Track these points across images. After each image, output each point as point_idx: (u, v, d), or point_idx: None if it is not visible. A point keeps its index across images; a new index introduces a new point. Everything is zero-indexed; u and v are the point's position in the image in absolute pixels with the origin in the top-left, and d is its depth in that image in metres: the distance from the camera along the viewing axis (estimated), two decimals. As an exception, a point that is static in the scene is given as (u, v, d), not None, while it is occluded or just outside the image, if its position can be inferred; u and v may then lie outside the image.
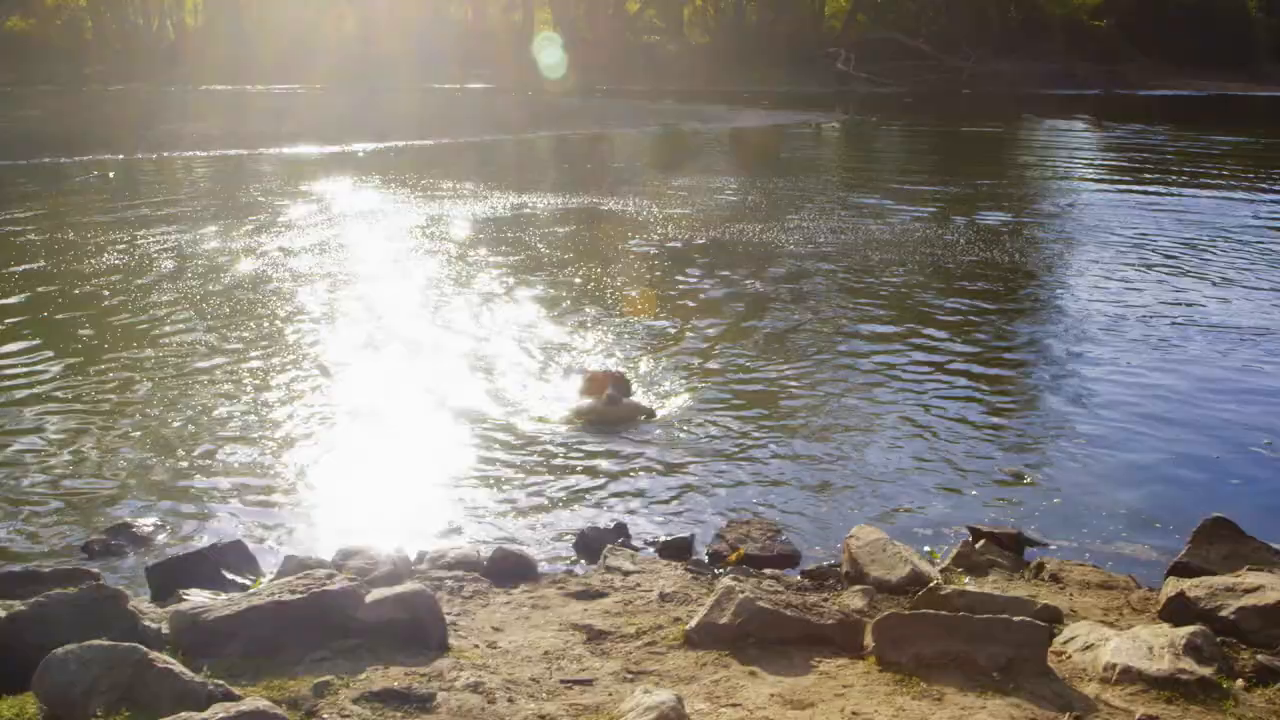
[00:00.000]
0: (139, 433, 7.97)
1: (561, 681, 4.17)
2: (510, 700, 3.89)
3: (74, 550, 6.21)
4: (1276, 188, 22.35)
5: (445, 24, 63.29)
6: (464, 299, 12.02)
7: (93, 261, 13.76)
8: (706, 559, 6.16)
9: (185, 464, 7.43)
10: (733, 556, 6.07)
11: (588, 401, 8.37)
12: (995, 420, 8.44)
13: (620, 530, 6.51)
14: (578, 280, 12.96)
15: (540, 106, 40.71)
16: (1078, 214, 18.81)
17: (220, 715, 3.18)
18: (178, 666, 3.55)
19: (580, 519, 6.70)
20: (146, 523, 6.56)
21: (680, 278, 13.16)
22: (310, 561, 5.48)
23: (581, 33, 63.23)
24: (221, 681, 3.56)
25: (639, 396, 8.76)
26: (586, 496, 7.03)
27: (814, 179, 23.51)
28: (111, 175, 22.79)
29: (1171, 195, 20.82)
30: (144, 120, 32.10)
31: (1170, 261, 14.19)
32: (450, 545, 6.23)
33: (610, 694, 4.02)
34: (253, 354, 9.95)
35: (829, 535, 6.50)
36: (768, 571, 5.84)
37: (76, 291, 12.26)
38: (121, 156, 25.41)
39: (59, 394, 8.82)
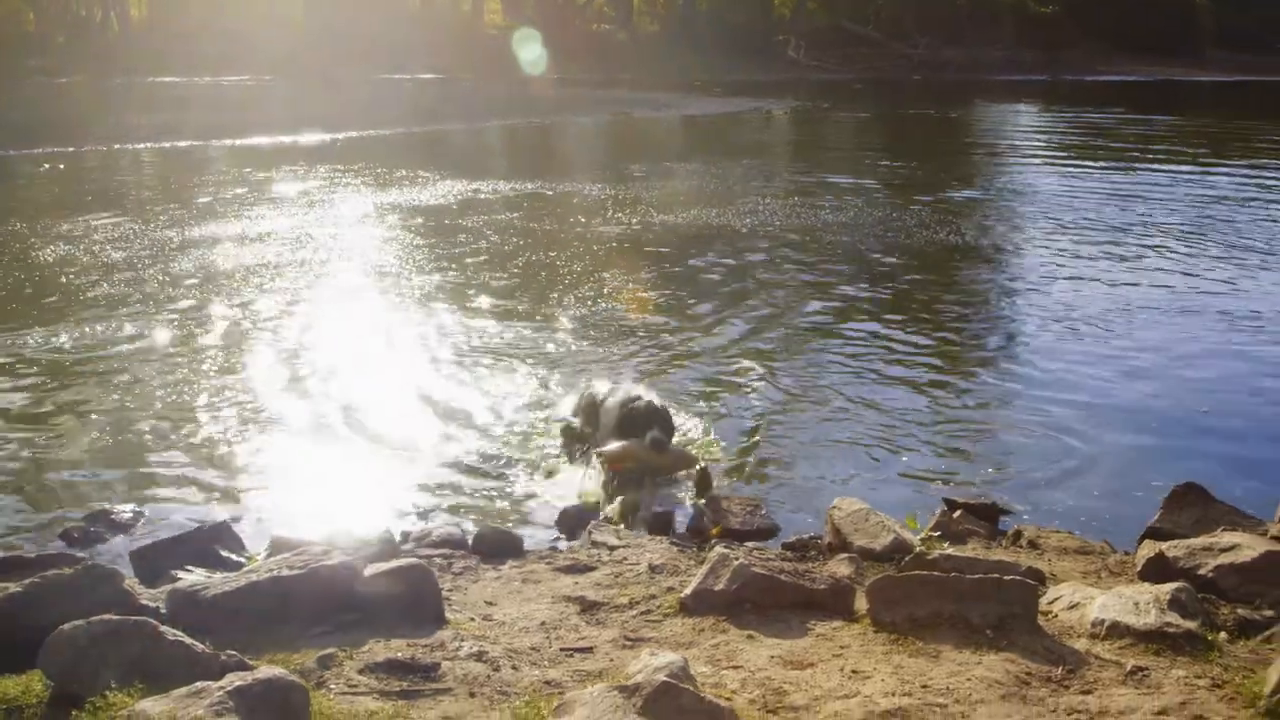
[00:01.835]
0: (107, 422, 7.92)
1: (562, 650, 4.22)
2: (514, 668, 3.94)
3: (52, 538, 6.18)
4: (1216, 166, 22.73)
5: (394, 15, 62.76)
6: (425, 287, 12.02)
7: (48, 252, 13.61)
8: (687, 534, 6.23)
9: (157, 452, 7.41)
10: (714, 530, 6.15)
11: (618, 445, 6.79)
12: (961, 398, 8.58)
13: (600, 508, 6.58)
14: (534, 264, 13.03)
15: (491, 96, 40.55)
16: (1029, 194, 19.12)
17: (236, 684, 3.19)
18: (188, 639, 3.56)
19: (559, 499, 6.74)
20: (124, 509, 6.53)
21: (638, 259, 13.23)
22: (297, 542, 5.48)
23: (531, 22, 63.02)
24: (235, 652, 3.57)
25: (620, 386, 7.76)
26: (563, 477, 7.07)
27: (766, 164, 23.64)
28: (62, 167, 22.50)
29: (1116, 174, 21.21)
30: (93, 113, 31.66)
31: (1121, 237, 14.49)
32: (433, 526, 6.26)
33: (611, 660, 4.07)
34: (214, 342, 9.93)
35: (805, 510, 6.59)
36: (749, 544, 5.91)
37: (31, 281, 12.13)
38: (71, 149, 25.07)
39: (22, 383, 8.75)
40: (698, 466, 6.84)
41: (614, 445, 6.76)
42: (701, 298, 11.49)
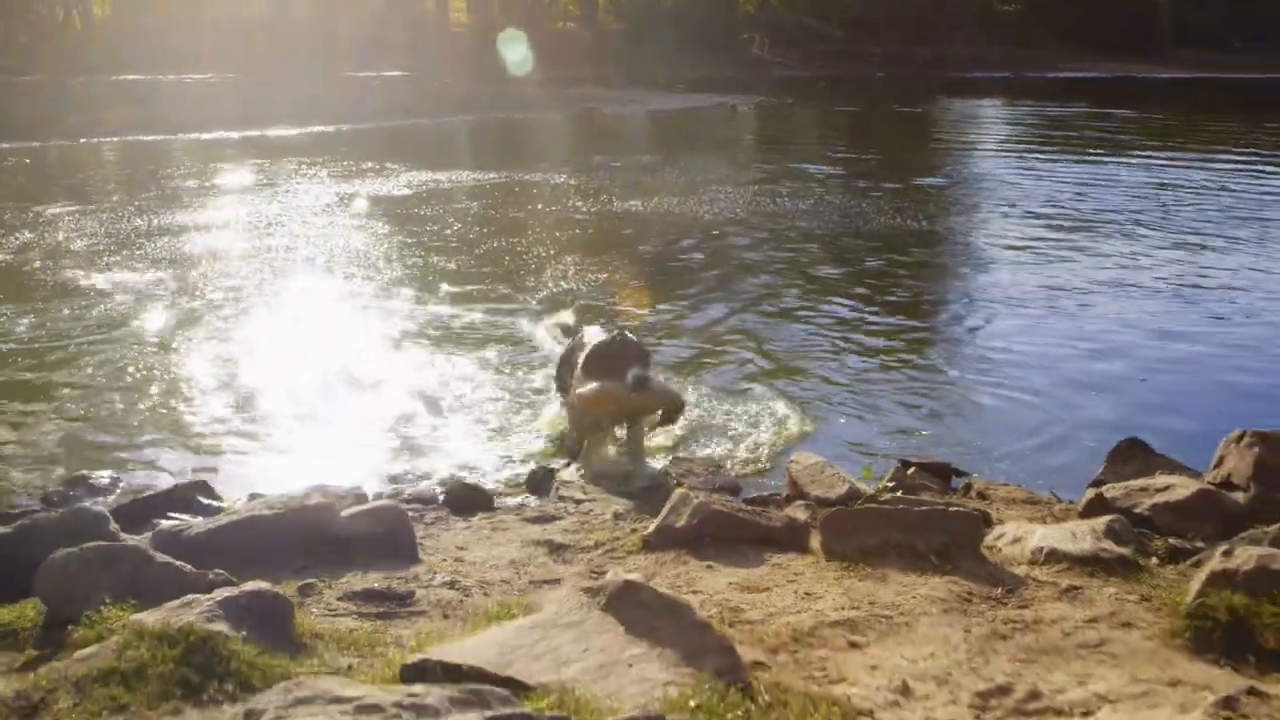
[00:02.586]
0: (80, 396, 8.07)
1: (530, 582, 4.43)
2: (486, 595, 4.15)
3: (32, 503, 6.31)
4: (1167, 157, 23.16)
5: (359, 12, 62.62)
6: (394, 270, 12.21)
7: (16, 238, 13.68)
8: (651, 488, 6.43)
9: (130, 424, 7.55)
10: (676, 486, 6.35)
11: (595, 386, 6.30)
12: (920, 369, 8.87)
13: (569, 466, 6.79)
14: (499, 249, 13.22)
15: (457, 92, 40.59)
16: (988, 183, 19.48)
17: (225, 595, 3.39)
18: (177, 561, 3.75)
19: (527, 460, 6.93)
20: (102, 475, 6.68)
21: (603, 245, 13.44)
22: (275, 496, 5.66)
23: (496, 20, 63.09)
24: (222, 571, 3.77)
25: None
26: (530, 440, 7.26)
27: (730, 156, 23.87)
28: (28, 161, 22.49)
29: (1074, 165, 21.62)
30: (59, 109, 31.53)
31: (1075, 223, 14.87)
32: (404, 485, 6.47)
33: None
34: (183, 323, 10.06)
35: (766, 473, 6.82)
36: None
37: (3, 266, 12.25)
38: (37, 144, 25.03)
39: None
40: (678, 404, 6.56)
41: (591, 387, 6.25)
42: (665, 279, 11.72)
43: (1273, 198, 17.26)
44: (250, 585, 3.47)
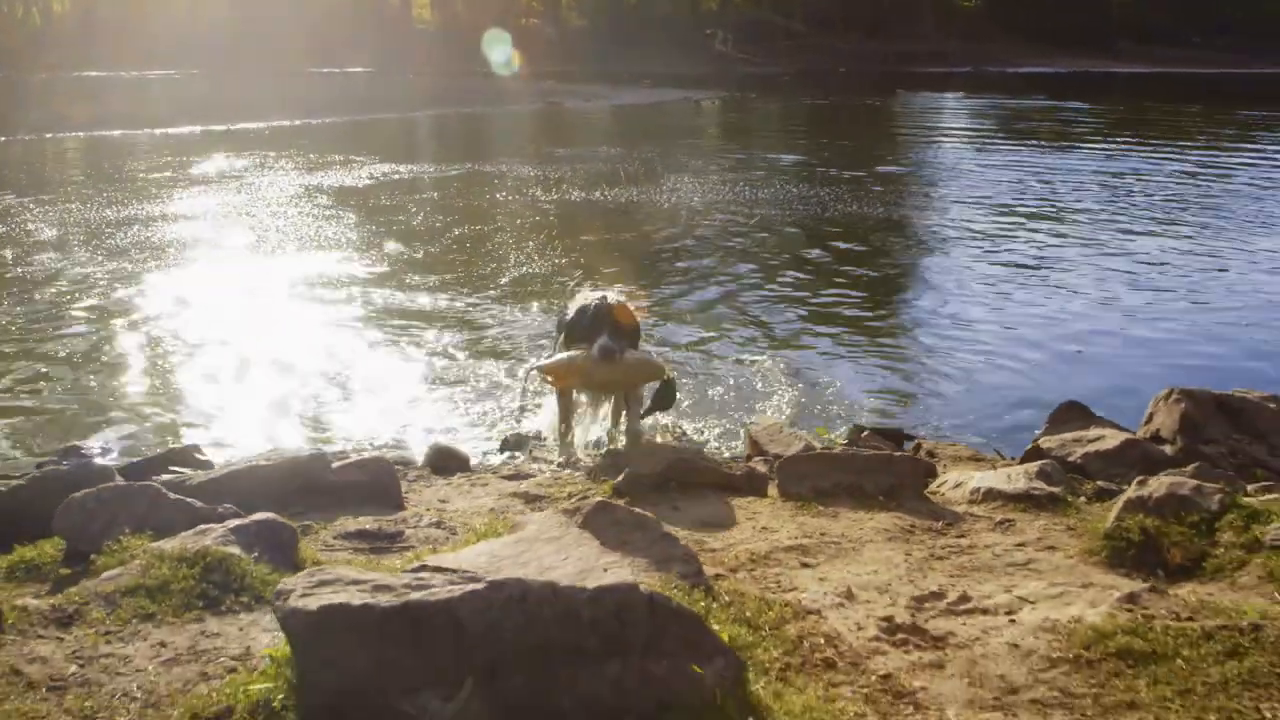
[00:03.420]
0: (55, 375, 8.27)
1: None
2: (470, 531, 4.50)
3: (27, 470, 6.58)
4: (1119, 147, 23.75)
5: (322, 8, 62.59)
6: (363, 255, 12.49)
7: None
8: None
9: (108, 400, 7.80)
10: (645, 452, 6.70)
11: (559, 358, 5.92)
12: (877, 344, 9.26)
13: (540, 437, 7.13)
14: (464, 236, 13.56)
15: (421, 87, 40.81)
16: (946, 173, 19.98)
17: (236, 523, 3.73)
18: (188, 497, 4.09)
19: (502, 428, 7.27)
20: (92, 444, 6.96)
21: (565, 233, 13.77)
22: (263, 459, 5.98)
23: (460, 16, 63.26)
24: (231, 505, 4.11)
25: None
26: (503, 410, 7.59)
27: (693, 149, 24.24)
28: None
29: (1028, 154, 22.16)
30: (21, 104, 31.53)
31: (1027, 208, 15.34)
32: (385, 451, 6.79)
33: (554, 529, 4.65)
34: (155, 305, 10.29)
35: (729, 437, 7.19)
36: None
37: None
38: (3, 139, 25.10)
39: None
40: (664, 377, 5.94)
41: (555, 358, 5.86)
42: (624, 263, 12.06)
43: (1215, 186, 17.79)
44: (259, 515, 3.81)
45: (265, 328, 9.60)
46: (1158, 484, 4.17)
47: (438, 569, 2.75)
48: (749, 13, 67.63)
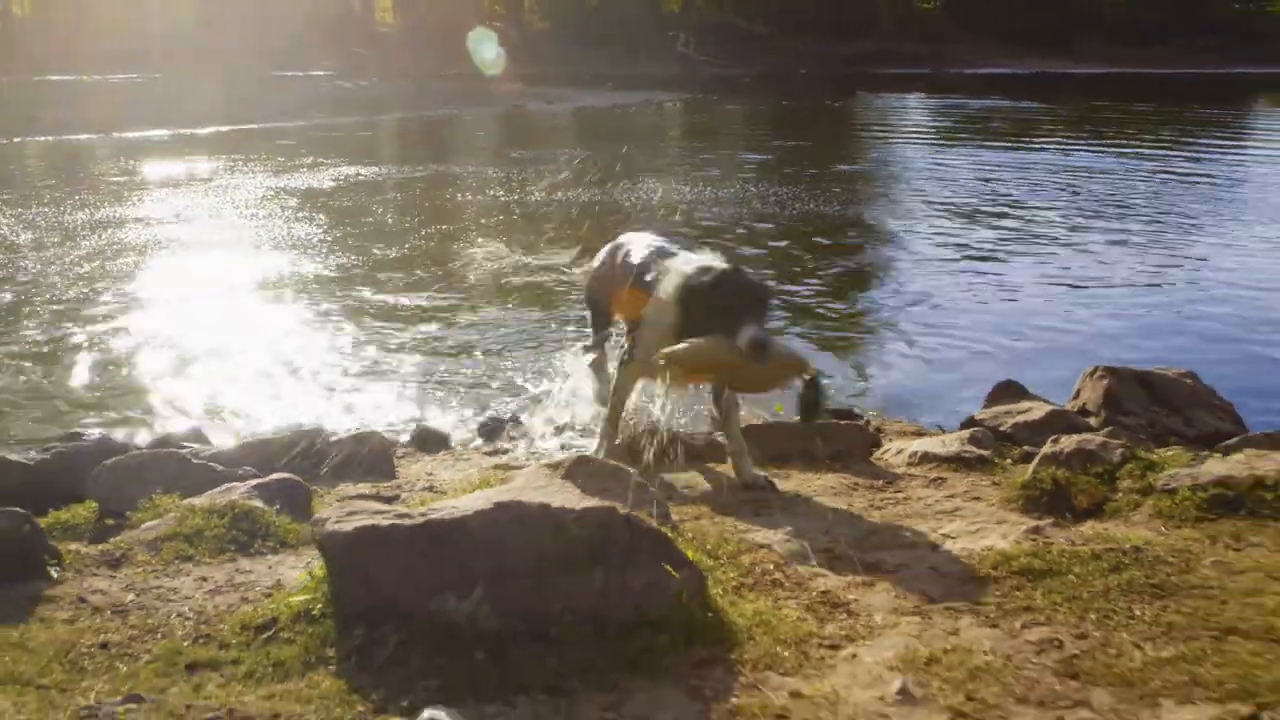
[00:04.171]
0: (44, 369, 8.62)
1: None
2: (466, 483, 5.01)
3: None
4: (1075, 145, 24.48)
5: (284, 12, 62.73)
6: (329, 255, 12.87)
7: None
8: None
9: (101, 391, 8.14)
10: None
11: (695, 345, 4.56)
12: (830, 330, 9.81)
13: (516, 420, 7.64)
14: (431, 236, 13.96)
15: (384, 91, 41.14)
16: (903, 171, 20.61)
17: (258, 481, 4.24)
18: (213, 462, 4.58)
19: (478, 413, 7.74)
20: (93, 431, 7.38)
21: (529, 233, 14.25)
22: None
23: (423, 19, 63.57)
24: (250, 468, 4.60)
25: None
26: (480, 396, 8.08)
27: (655, 150, 24.75)
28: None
29: (986, 153, 22.80)
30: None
31: (981, 205, 15.91)
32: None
33: (535, 492, 5.17)
34: (135, 302, 10.65)
35: (695, 420, 7.70)
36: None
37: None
38: (-31, 143, 25.34)
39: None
40: (806, 375, 4.76)
41: (690, 346, 4.56)
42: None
43: (1163, 182, 18.47)
44: (278, 474, 4.31)
45: (242, 325, 9.95)
46: (1068, 441, 4.75)
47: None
48: (711, 15, 68.30)
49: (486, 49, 48.32)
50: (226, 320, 10.07)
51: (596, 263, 6.18)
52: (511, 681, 2.77)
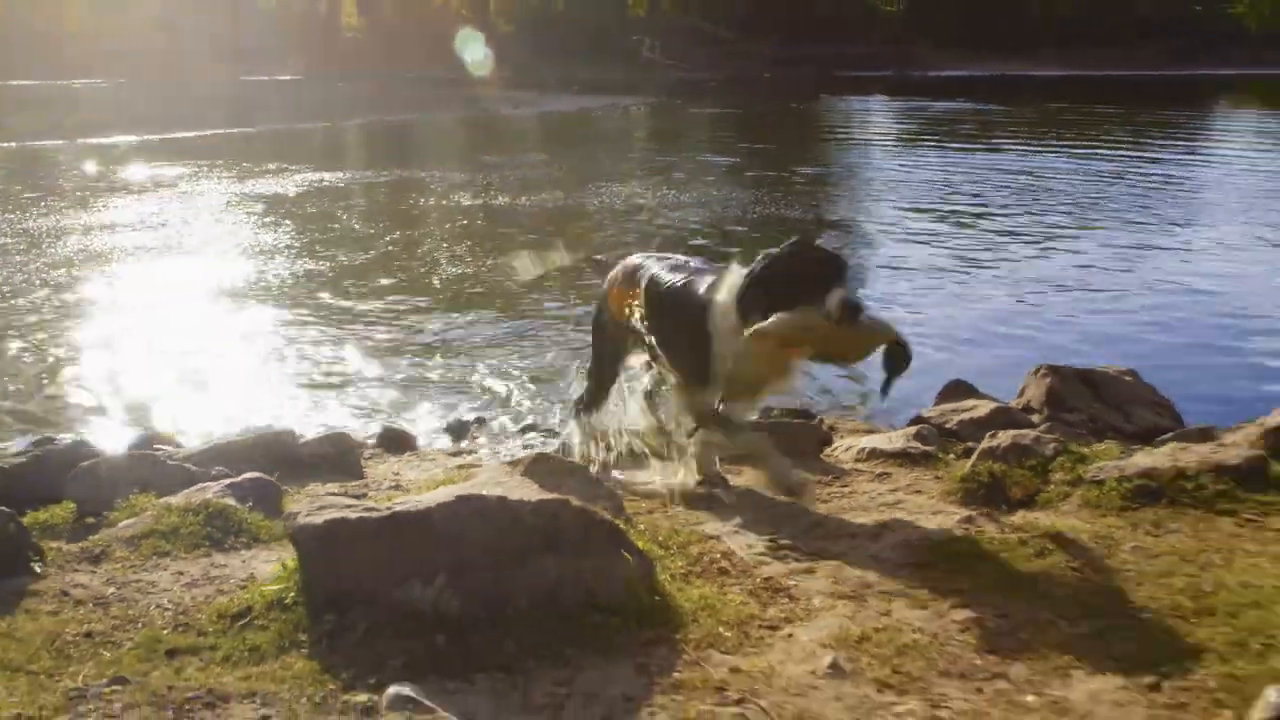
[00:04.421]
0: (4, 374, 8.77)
1: (459, 488, 5.50)
2: (431, 480, 5.21)
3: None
4: (1034, 147, 24.88)
5: (249, 15, 62.64)
6: (298, 260, 13.06)
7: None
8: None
9: (66, 398, 8.26)
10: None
11: (790, 317, 4.33)
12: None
13: (481, 421, 7.85)
14: (397, 240, 14.17)
15: (350, 94, 41.23)
16: (864, 173, 20.94)
17: (227, 481, 4.43)
18: (186, 462, 4.77)
19: (444, 415, 7.94)
20: (64, 436, 7.52)
21: (492, 236, 14.47)
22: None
23: (388, 22, 63.64)
24: (222, 468, 4.79)
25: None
26: (446, 398, 8.28)
27: (621, 154, 25.01)
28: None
29: (946, 156, 23.18)
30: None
31: (941, 206, 16.24)
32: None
33: (498, 490, 5.38)
34: (103, 308, 10.79)
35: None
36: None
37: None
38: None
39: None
40: (894, 339, 4.67)
41: (779, 318, 4.33)
42: (554, 266, 12.76)
43: (1122, 183, 18.83)
44: (249, 474, 4.50)
45: (210, 330, 10.09)
46: (1005, 436, 5.01)
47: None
48: (677, 19, 68.67)
49: (474, 49, 48.34)
50: (195, 325, 10.24)
51: (605, 285, 5.49)
52: (471, 661, 2.98)
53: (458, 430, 7.60)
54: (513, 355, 9.22)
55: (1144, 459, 4.76)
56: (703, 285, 4.78)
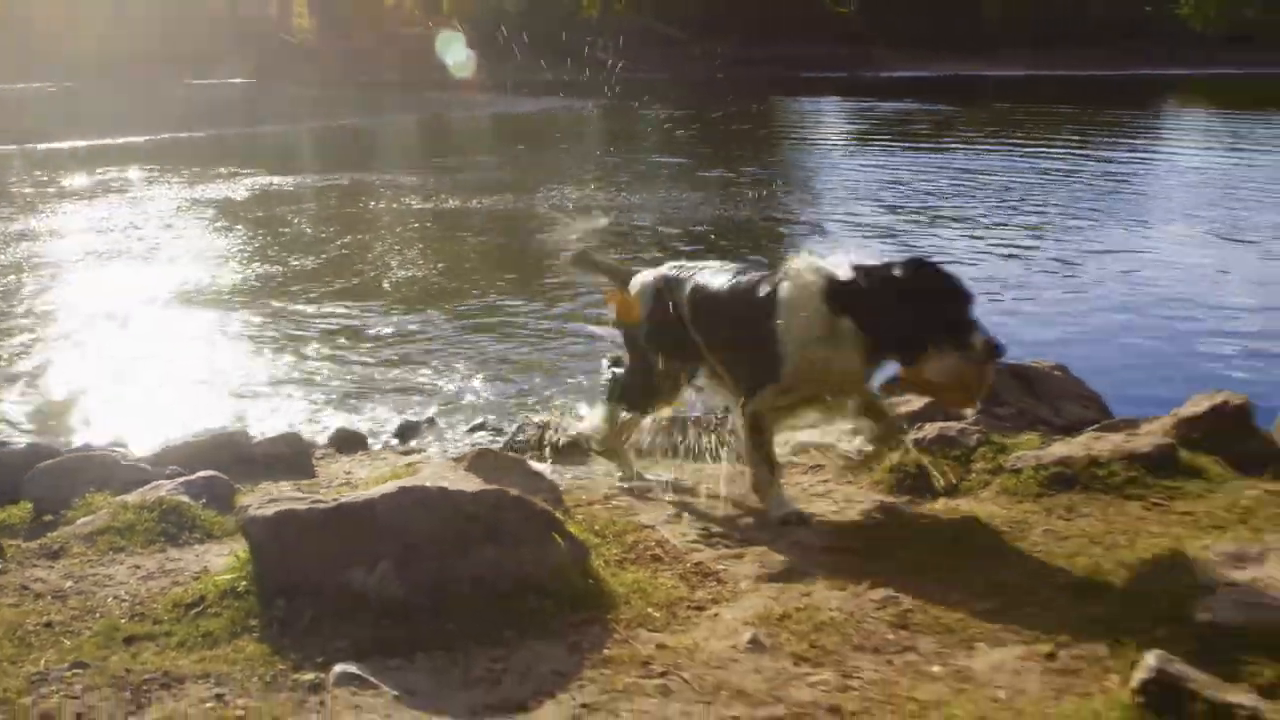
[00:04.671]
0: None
1: (408, 485, 5.68)
2: (379, 477, 5.38)
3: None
4: (983, 147, 25.28)
5: (198, 19, 62.29)
6: (249, 265, 13.16)
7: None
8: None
9: (15, 400, 8.37)
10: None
11: (947, 363, 4.18)
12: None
13: (431, 422, 8.02)
14: (349, 245, 14.29)
15: (302, 98, 41.13)
16: (814, 173, 21.26)
17: (185, 479, 4.58)
18: (141, 462, 4.92)
19: (395, 415, 8.10)
20: (18, 441, 7.62)
21: (441, 237, 14.63)
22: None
23: (341, 24, 63.46)
24: (177, 466, 4.94)
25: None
26: (398, 400, 8.44)
27: (574, 156, 25.15)
28: None
29: (898, 156, 23.53)
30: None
31: (891, 205, 16.55)
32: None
33: (446, 486, 5.56)
34: (54, 314, 10.85)
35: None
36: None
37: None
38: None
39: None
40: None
41: (944, 364, 4.17)
42: (503, 266, 12.95)
43: (1068, 180, 19.20)
44: (203, 472, 4.66)
45: (164, 335, 10.20)
46: (932, 428, 5.25)
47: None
48: (630, 20, 68.87)
49: (454, 51, 48.21)
50: (148, 330, 10.34)
51: (643, 306, 5.13)
52: (413, 642, 3.17)
53: (409, 430, 7.78)
54: (463, 356, 9.40)
55: (1061, 448, 5.01)
56: (763, 285, 4.57)
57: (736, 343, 4.69)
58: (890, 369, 4.74)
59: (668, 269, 5.15)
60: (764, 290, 4.52)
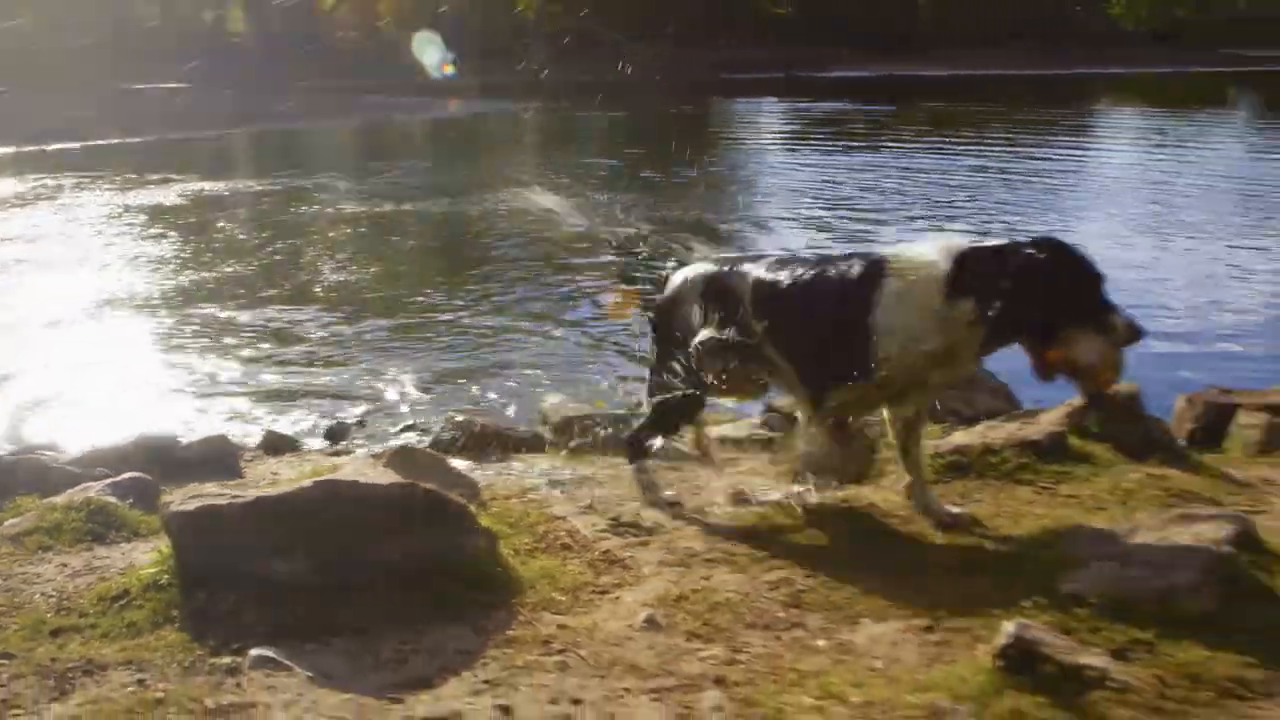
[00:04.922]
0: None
1: (335, 484, 5.82)
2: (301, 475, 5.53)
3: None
4: (918, 148, 25.72)
5: (132, 23, 61.65)
6: (180, 272, 13.22)
7: None
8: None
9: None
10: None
11: (1100, 345, 4.03)
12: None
13: (361, 424, 8.16)
14: (281, 250, 14.40)
15: (238, 103, 40.87)
16: (755, 176, 21.54)
17: (112, 480, 4.71)
18: (71, 465, 5.03)
19: (325, 418, 8.23)
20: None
21: (380, 244, 14.73)
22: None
23: (276, 30, 63.06)
24: (105, 469, 5.06)
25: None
26: (328, 403, 8.57)
27: (509, 159, 25.33)
28: None
29: (836, 157, 23.88)
30: None
31: (822, 207, 16.85)
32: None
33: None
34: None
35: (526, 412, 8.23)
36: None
37: None
38: None
39: None
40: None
41: (1089, 344, 4.01)
42: (438, 269, 13.10)
43: (1000, 178, 19.60)
44: (129, 473, 4.79)
45: (95, 341, 10.29)
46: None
47: (276, 497, 3.79)
48: (566, 23, 68.95)
49: (431, 53, 47.94)
50: (80, 336, 10.41)
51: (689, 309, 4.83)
52: (327, 626, 3.35)
53: (338, 432, 7.91)
54: (394, 359, 9.55)
55: (960, 437, 5.27)
56: (851, 273, 4.23)
57: (821, 338, 4.31)
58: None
59: (712, 263, 4.87)
60: (861, 281, 4.18)
